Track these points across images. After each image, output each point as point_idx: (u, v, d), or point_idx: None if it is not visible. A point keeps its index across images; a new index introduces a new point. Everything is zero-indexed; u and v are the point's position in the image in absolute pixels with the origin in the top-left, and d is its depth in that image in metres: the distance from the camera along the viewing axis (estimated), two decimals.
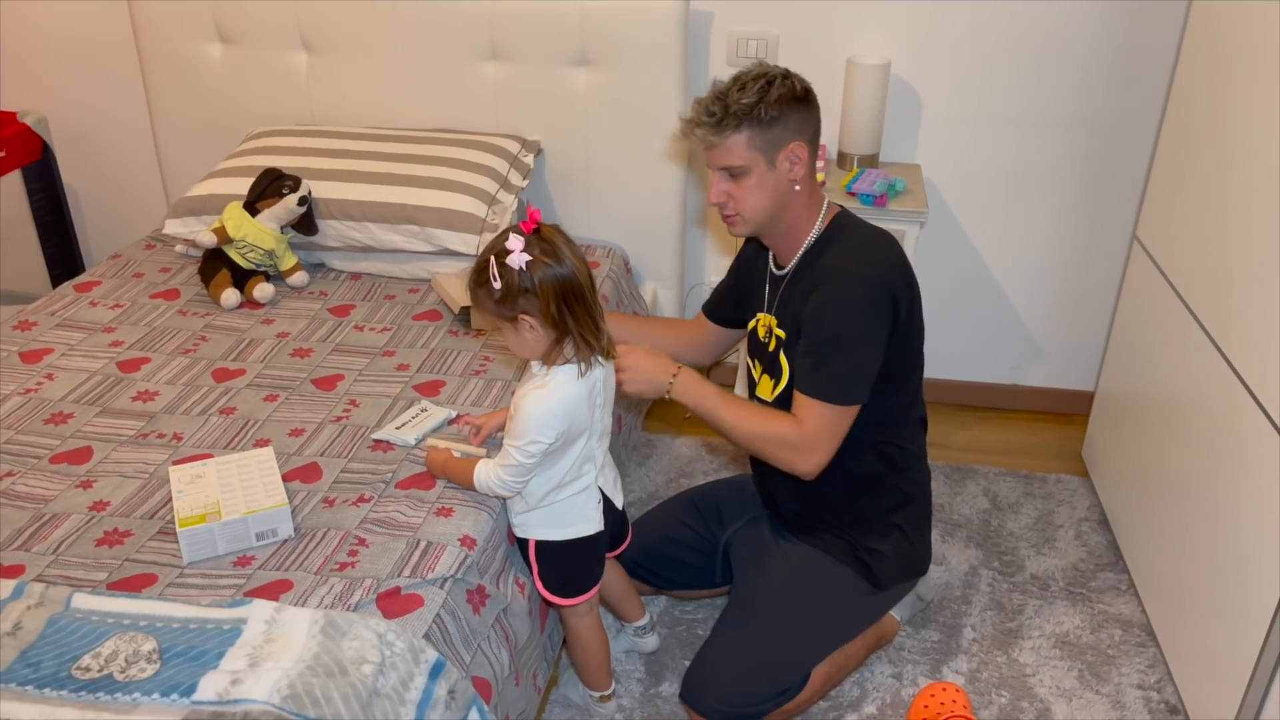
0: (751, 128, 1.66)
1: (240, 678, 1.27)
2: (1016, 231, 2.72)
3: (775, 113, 1.65)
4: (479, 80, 2.63)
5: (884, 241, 1.77)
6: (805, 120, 1.70)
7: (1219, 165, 1.94)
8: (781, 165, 1.70)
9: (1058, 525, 2.46)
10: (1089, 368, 2.85)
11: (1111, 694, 2.00)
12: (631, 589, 2.00)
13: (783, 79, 1.67)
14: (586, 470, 1.68)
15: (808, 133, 1.71)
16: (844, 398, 1.71)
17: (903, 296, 1.72)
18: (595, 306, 1.56)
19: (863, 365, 1.71)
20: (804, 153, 1.70)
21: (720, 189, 1.73)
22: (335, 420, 1.90)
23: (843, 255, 1.73)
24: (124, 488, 1.71)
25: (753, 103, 1.64)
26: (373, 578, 1.51)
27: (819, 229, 1.78)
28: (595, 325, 1.56)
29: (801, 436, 1.72)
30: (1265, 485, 1.68)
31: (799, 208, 1.76)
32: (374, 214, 2.36)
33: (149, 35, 2.76)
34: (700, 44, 2.63)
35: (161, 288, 2.39)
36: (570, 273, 1.50)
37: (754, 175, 1.69)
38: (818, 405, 1.71)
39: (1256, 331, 1.74)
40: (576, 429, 1.60)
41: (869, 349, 1.71)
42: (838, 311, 1.69)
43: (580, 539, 1.71)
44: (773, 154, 1.68)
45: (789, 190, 1.73)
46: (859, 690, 2.00)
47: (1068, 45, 2.49)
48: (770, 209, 1.73)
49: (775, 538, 2.00)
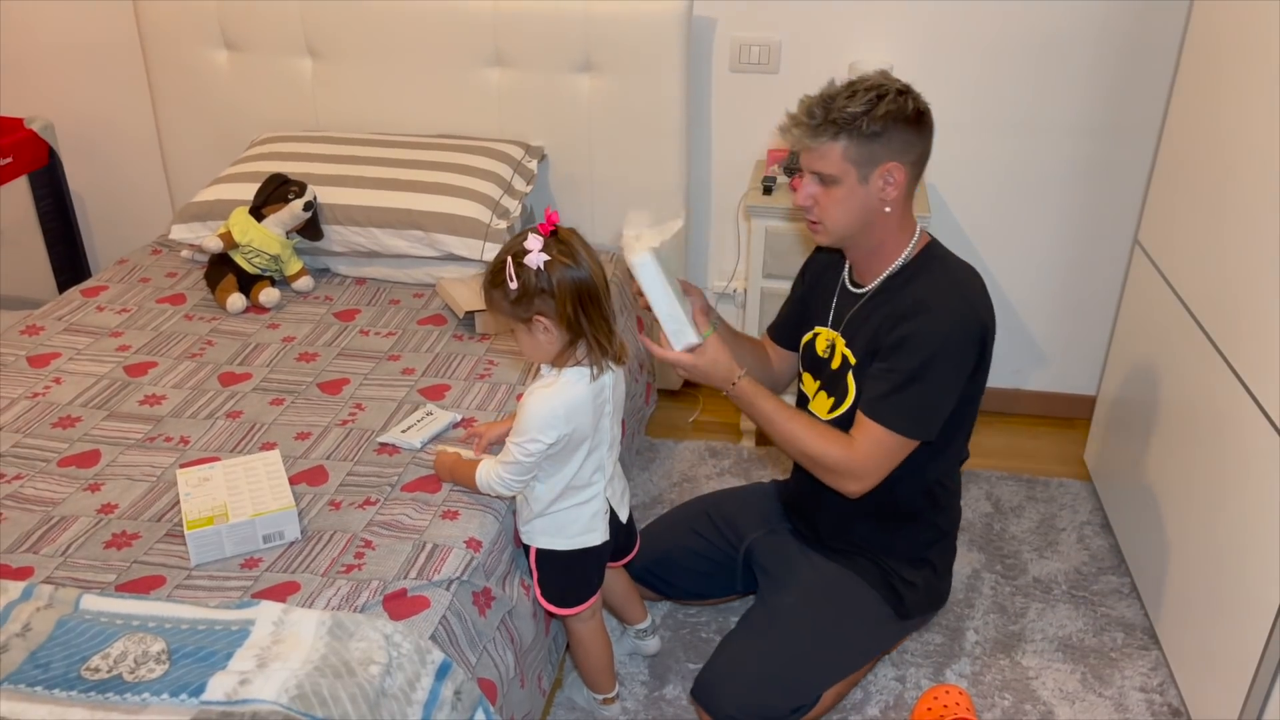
0: (850, 138, 1.60)
1: (248, 678, 1.28)
2: (1018, 235, 2.73)
3: (878, 128, 1.59)
4: (483, 86, 2.64)
5: (976, 279, 1.73)
6: (910, 142, 1.63)
7: (1220, 169, 1.95)
8: (874, 183, 1.64)
9: (1060, 529, 2.46)
10: (1091, 372, 2.86)
11: (1114, 696, 2.00)
12: (634, 592, 2.00)
13: (897, 94, 1.61)
14: (596, 479, 1.68)
15: (910, 156, 1.64)
16: (910, 430, 1.68)
17: (990, 339, 1.70)
18: (609, 310, 1.57)
19: (939, 403, 1.69)
20: (901, 175, 1.64)
21: (808, 192, 1.68)
22: (341, 424, 1.91)
23: (938, 288, 1.68)
24: (132, 490, 1.72)
25: (857, 113, 1.58)
26: (379, 580, 1.52)
27: (908, 254, 1.73)
28: (609, 328, 1.56)
29: (853, 461, 1.70)
30: (1266, 488, 1.68)
31: (888, 229, 1.70)
32: (379, 219, 2.37)
33: (155, 41, 2.78)
34: (703, 49, 2.65)
35: (168, 292, 2.40)
36: (587, 275, 1.51)
37: (843, 187, 1.64)
38: (881, 432, 1.68)
39: (1258, 335, 1.75)
40: (580, 434, 1.60)
41: (949, 387, 1.68)
42: (928, 344, 1.64)
43: (583, 550, 1.71)
44: (867, 169, 1.62)
45: (878, 210, 1.67)
46: (862, 693, 2.01)
47: (1068, 49, 2.50)
48: (855, 224, 1.68)
49: (804, 549, 1.99)
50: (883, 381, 1.69)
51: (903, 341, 1.66)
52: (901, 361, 1.66)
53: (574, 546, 1.70)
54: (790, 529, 2.04)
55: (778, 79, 2.65)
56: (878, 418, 1.68)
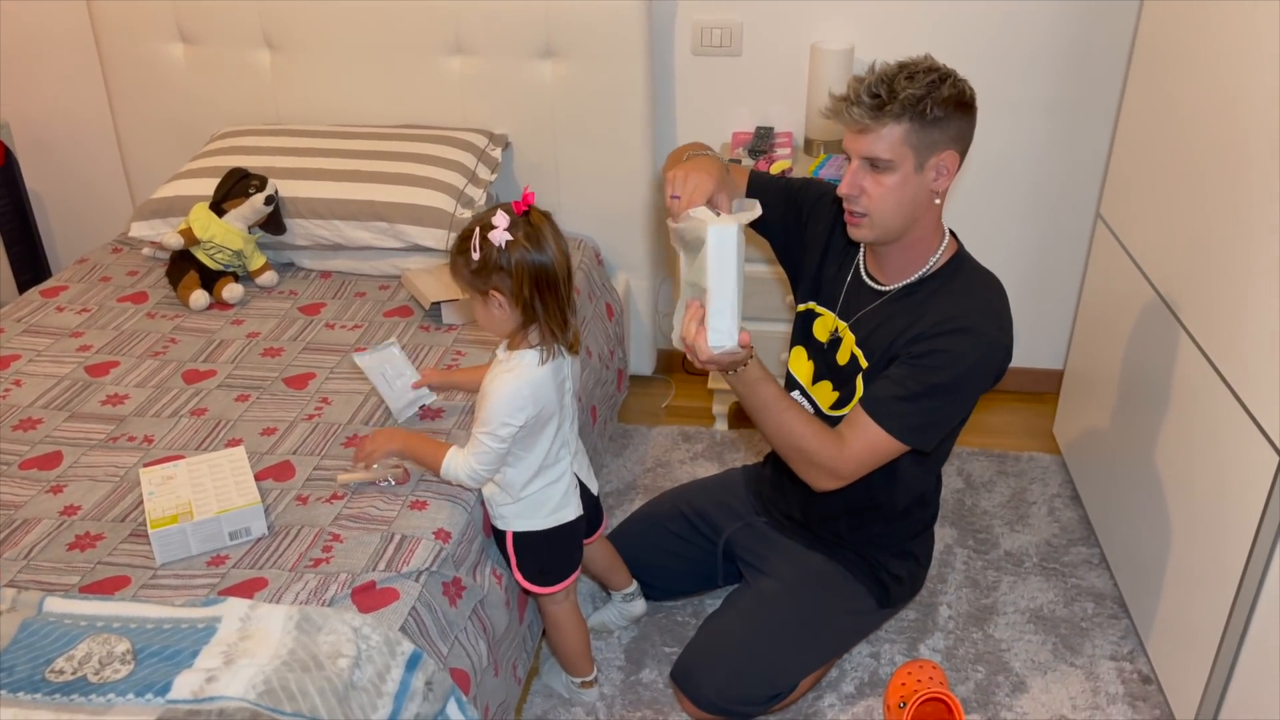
0: (913, 122, 1.51)
1: (215, 675, 1.27)
2: (983, 214, 2.74)
3: (940, 113, 1.52)
4: (444, 75, 2.62)
5: (1004, 295, 1.68)
6: (964, 130, 1.57)
7: (1177, 141, 1.97)
8: (928, 172, 1.56)
9: (1030, 502, 2.49)
10: (1058, 346, 2.89)
11: (1085, 665, 2.03)
12: (617, 559, 2.01)
13: (955, 79, 1.55)
14: (563, 456, 1.69)
15: (963, 144, 1.57)
16: (910, 438, 1.63)
17: (1007, 360, 1.66)
18: (567, 300, 1.56)
19: (947, 420, 1.65)
20: (954, 164, 1.57)
21: (855, 180, 1.58)
22: (307, 418, 1.90)
23: (976, 308, 1.61)
24: (95, 491, 1.70)
25: (921, 95, 1.50)
26: (347, 572, 1.51)
27: (936, 259, 1.67)
28: (563, 317, 1.56)
29: (840, 460, 1.64)
30: (1229, 457, 1.71)
31: (928, 226, 1.63)
32: (342, 211, 2.35)
33: (110, 37, 2.74)
34: (665, 33, 2.64)
35: (129, 291, 2.37)
36: (549, 261, 1.50)
37: (899, 174, 1.55)
38: (878, 433, 1.62)
39: (1218, 305, 1.77)
40: (546, 411, 1.60)
41: (960, 408, 1.66)
42: (958, 365, 1.58)
43: (560, 527, 1.71)
44: (925, 156, 1.54)
45: (928, 202, 1.59)
46: (837, 670, 2.02)
47: (1027, 28, 2.51)
48: (904, 217, 1.59)
49: (783, 539, 1.98)
50: (897, 386, 1.61)
51: (932, 354, 1.59)
52: (925, 374, 1.59)
53: (550, 525, 1.71)
54: (765, 521, 2.04)
55: (740, 61, 2.65)
56: (881, 419, 1.61)
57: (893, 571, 1.91)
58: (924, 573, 2.00)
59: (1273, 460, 1.56)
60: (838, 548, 1.92)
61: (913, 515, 1.90)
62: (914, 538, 1.94)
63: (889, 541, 1.91)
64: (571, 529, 1.74)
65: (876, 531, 1.90)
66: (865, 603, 1.92)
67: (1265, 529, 1.59)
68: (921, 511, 1.91)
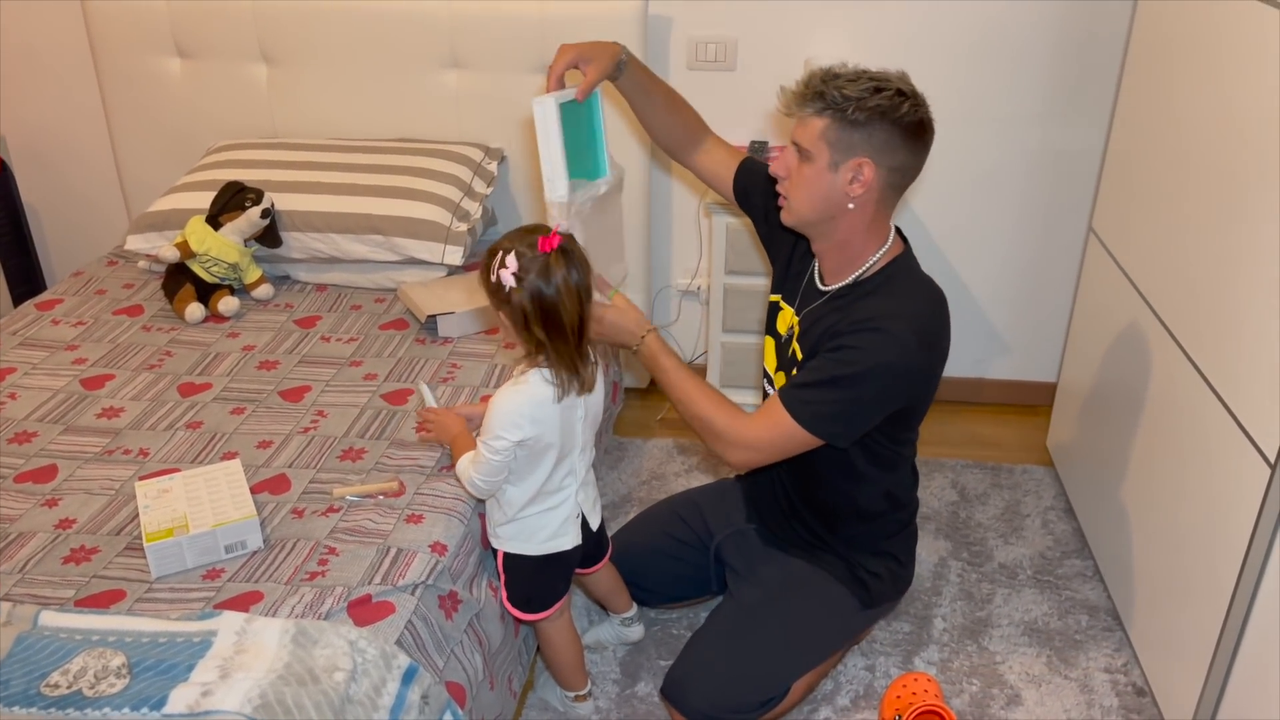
0: (833, 119, 1.56)
1: (211, 689, 1.26)
2: (976, 227, 2.76)
3: (861, 118, 1.55)
4: (440, 89, 2.64)
5: (938, 307, 1.69)
6: (892, 146, 1.58)
7: (1168, 156, 1.98)
8: (843, 173, 1.59)
9: (1024, 515, 2.49)
10: (1051, 359, 2.90)
11: (1079, 678, 2.03)
12: (621, 584, 2.00)
13: (897, 93, 1.56)
14: (568, 484, 1.67)
15: (888, 160, 1.59)
16: (811, 426, 1.65)
17: (931, 373, 1.69)
18: (577, 341, 1.52)
19: (851, 416, 1.66)
20: (870, 174, 1.58)
21: (784, 161, 1.65)
22: (303, 431, 1.90)
23: (897, 313, 1.63)
24: (90, 505, 1.70)
25: (849, 96, 1.54)
26: (344, 586, 1.51)
27: (873, 263, 1.69)
28: (571, 355, 1.53)
29: (740, 430, 1.69)
30: (1221, 469, 1.72)
31: (852, 229, 1.66)
32: (338, 225, 2.36)
33: (106, 50, 2.75)
34: (660, 48, 2.65)
35: (125, 304, 2.37)
36: (556, 304, 1.48)
37: (814, 167, 1.60)
38: (782, 415, 1.66)
39: (1210, 318, 1.78)
40: (545, 438, 1.58)
41: (867, 408, 1.66)
42: (864, 361, 1.61)
43: (552, 555, 1.70)
44: (840, 157, 1.58)
45: (841, 203, 1.62)
46: (832, 683, 2.02)
47: (1020, 43, 2.53)
48: (816, 211, 1.64)
49: (768, 548, 2.00)
50: (805, 374, 1.67)
51: (842, 349, 1.63)
52: (831, 365, 1.63)
53: (543, 552, 1.69)
54: (755, 528, 2.05)
55: (734, 76, 2.67)
56: (786, 403, 1.66)
57: (871, 570, 1.92)
58: (906, 572, 2.00)
59: (1264, 472, 1.57)
60: (818, 550, 1.94)
61: (886, 516, 1.91)
62: (890, 538, 1.94)
63: (865, 542, 1.92)
64: (563, 559, 1.72)
65: (851, 533, 1.91)
66: (848, 603, 1.92)
67: (1258, 540, 1.60)
68: (895, 512, 1.92)
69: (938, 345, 1.69)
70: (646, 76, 1.86)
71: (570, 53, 1.72)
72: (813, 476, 1.88)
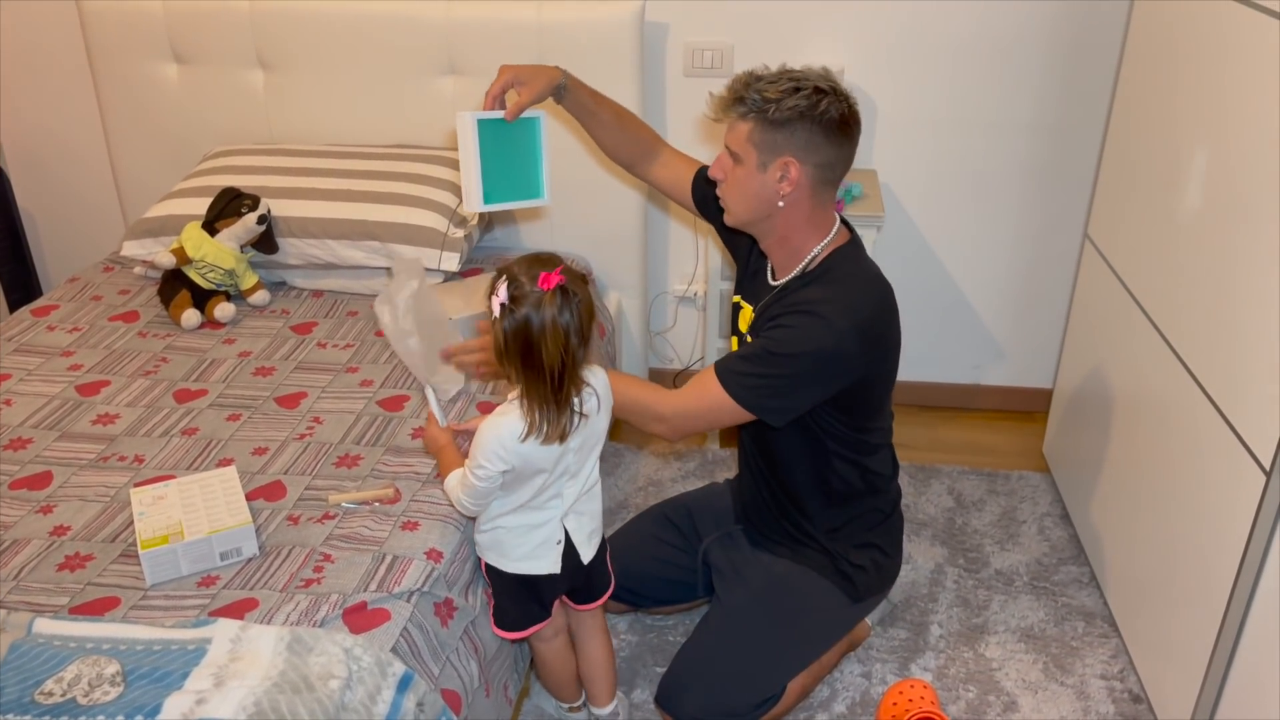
0: (757, 121, 1.61)
1: (205, 697, 1.26)
2: (972, 233, 2.76)
3: (782, 118, 1.59)
4: (437, 95, 2.64)
5: (878, 295, 1.71)
6: (815, 144, 1.61)
7: (1163, 163, 1.99)
8: (771, 173, 1.63)
9: (1021, 521, 2.50)
10: (1047, 365, 2.90)
11: (1076, 685, 2.03)
12: (610, 671, 1.87)
13: (814, 91, 1.59)
14: (552, 506, 1.61)
15: (813, 157, 1.62)
16: (739, 396, 1.67)
17: (870, 359, 1.69)
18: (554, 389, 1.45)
19: (782, 393, 1.67)
20: (796, 172, 1.62)
21: (719, 164, 1.71)
22: (299, 438, 1.90)
23: (831, 297, 1.65)
24: (85, 512, 1.70)
25: (769, 99, 1.59)
26: (339, 593, 1.51)
27: (817, 256, 1.72)
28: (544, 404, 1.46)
29: (673, 404, 1.73)
30: (1216, 477, 1.72)
31: (790, 225, 1.70)
32: (335, 231, 2.36)
33: (103, 56, 2.75)
34: (656, 55, 2.66)
35: (120, 310, 2.37)
36: (533, 344, 1.42)
37: (744, 168, 1.65)
38: (716, 388, 1.68)
39: (1203, 325, 1.78)
40: (529, 468, 1.53)
41: (799, 388, 1.67)
42: (797, 344, 1.64)
43: (525, 577, 1.65)
44: (766, 158, 1.63)
45: (772, 201, 1.66)
46: (829, 690, 2.02)
47: (1014, 50, 2.54)
48: (752, 211, 1.69)
49: (754, 550, 2.00)
50: (742, 349, 1.72)
51: (778, 328, 1.67)
52: (765, 342, 1.67)
53: (516, 571, 1.64)
54: (743, 529, 2.06)
55: None
56: (718, 374, 1.69)
57: (856, 562, 1.92)
58: (892, 563, 1.99)
59: (1259, 478, 1.57)
60: (802, 547, 1.94)
61: (864, 504, 1.91)
62: (874, 528, 1.94)
63: (849, 534, 1.92)
64: (538, 584, 1.66)
65: (833, 522, 1.91)
66: (835, 598, 1.93)
67: (1253, 547, 1.60)
68: (873, 500, 1.92)
69: (873, 331, 1.69)
70: (590, 97, 1.90)
71: (508, 74, 1.76)
72: (787, 468, 1.89)
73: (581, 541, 1.68)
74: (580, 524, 1.67)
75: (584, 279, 1.48)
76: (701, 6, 2.60)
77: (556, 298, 1.41)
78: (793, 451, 1.85)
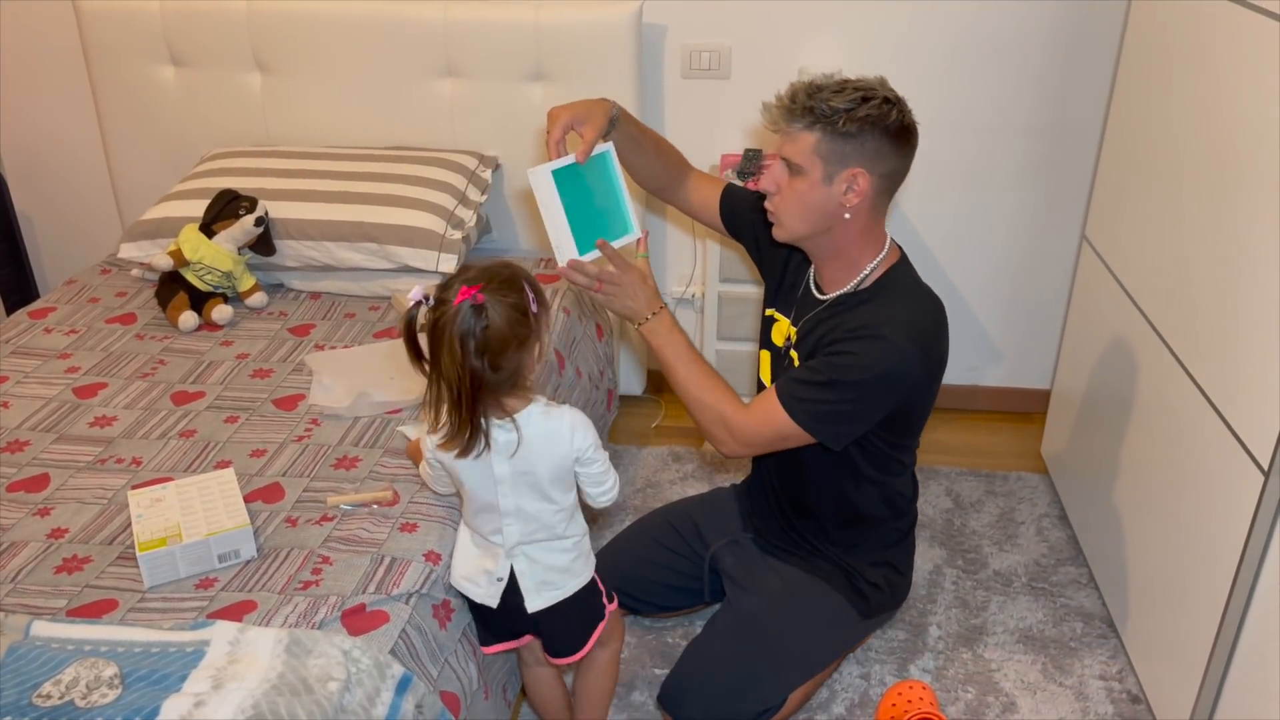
0: (824, 132, 1.57)
1: (204, 699, 1.26)
2: (970, 235, 2.76)
3: (853, 129, 1.56)
4: (435, 97, 2.64)
5: (935, 314, 1.70)
6: (883, 153, 1.59)
7: (1161, 164, 1.99)
8: (837, 185, 1.60)
9: (1019, 522, 2.50)
10: (1045, 366, 2.91)
11: (1074, 685, 2.03)
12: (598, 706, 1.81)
13: (883, 101, 1.57)
14: (495, 540, 1.55)
15: (880, 167, 1.60)
16: (807, 424, 1.66)
17: (927, 379, 1.70)
18: (454, 399, 1.40)
19: (847, 418, 1.67)
20: (865, 184, 1.60)
21: (774, 177, 1.65)
22: (297, 440, 1.89)
23: (894, 321, 1.64)
24: (82, 514, 1.70)
25: (838, 109, 1.55)
26: (337, 595, 1.51)
27: (871, 270, 1.70)
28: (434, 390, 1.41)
29: (736, 421, 1.69)
30: (1214, 477, 1.72)
31: (848, 238, 1.67)
32: (332, 233, 2.36)
33: (100, 59, 2.74)
34: (654, 56, 2.66)
35: (118, 312, 2.37)
36: (434, 353, 1.39)
37: (806, 180, 1.61)
38: (777, 409, 1.67)
39: (1202, 326, 1.79)
40: (455, 474, 1.51)
41: (864, 412, 1.67)
42: (861, 370, 1.62)
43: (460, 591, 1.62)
44: (834, 169, 1.59)
45: (837, 214, 1.63)
46: (827, 691, 2.02)
47: (1012, 52, 2.54)
48: (810, 224, 1.65)
49: (765, 556, 2.00)
50: (803, 372, 1.68)
51: (841, 354, 1.64)
52: (829, 369, 1.64)
53: (457, 584, 1.61)
54: (752, 537, 2.05)
55: (729, 84, 2.67)
56: (782, 399, 1.67)
57: (870, 580, 1.92)
58: (904, 581, 2.00)
59: (1258, 479, 1.58)
60: (816, 559, 1.94)
61: (886, 524, 1.91)
62: (890, 547, 1.95)
63: (865, 551, 1.92)
64: (478, 607, 1.61)
65: (852, 540, 1.91)
66: (846, 613, 1.92)
67: (1251, 547, 1.61)
68: (896, 520, 1.92)
69: (934, 351, 1.70)
70: (637, 128, 1.86)
71: (564, 116, 1.67)
72: (811, 485, 1.88)
73: (528, 588, 1.57)
74: (531, 570, 1.57)
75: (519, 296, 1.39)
76: (699, 8, 2.60)
77: (463, 313, 1.35)
78: (820, 472, 1.83)
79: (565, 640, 1.67)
